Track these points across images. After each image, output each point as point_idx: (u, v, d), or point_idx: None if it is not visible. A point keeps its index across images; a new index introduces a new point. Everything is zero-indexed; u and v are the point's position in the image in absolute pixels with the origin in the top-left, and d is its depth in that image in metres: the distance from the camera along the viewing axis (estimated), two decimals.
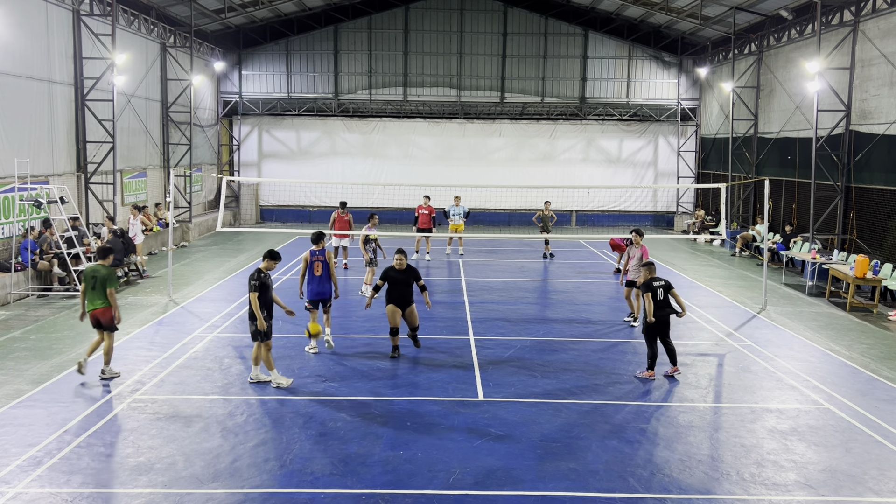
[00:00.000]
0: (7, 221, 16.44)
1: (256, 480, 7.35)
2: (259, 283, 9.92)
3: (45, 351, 11.71)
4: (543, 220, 21.88)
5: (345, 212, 19.25)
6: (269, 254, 10.29)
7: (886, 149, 17.85)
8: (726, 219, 23.61)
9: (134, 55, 22.46)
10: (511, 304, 16.00)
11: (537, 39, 31.49)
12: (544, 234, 21.31)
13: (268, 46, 31.46)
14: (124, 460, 7.76)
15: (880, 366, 11.68)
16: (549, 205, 22.09)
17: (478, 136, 32.25)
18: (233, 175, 31.64)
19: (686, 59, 31.76)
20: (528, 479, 7.49)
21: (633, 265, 13.83)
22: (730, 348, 12.60)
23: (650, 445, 8.39)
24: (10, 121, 16.56)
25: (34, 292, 15.77)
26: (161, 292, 16.35)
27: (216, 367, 11.03)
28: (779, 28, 23.81)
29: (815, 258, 18.26)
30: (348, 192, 30.87)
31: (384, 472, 7.58)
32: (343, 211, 19.22)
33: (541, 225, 22.01)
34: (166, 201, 22.55)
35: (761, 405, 9.83)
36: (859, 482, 7.58)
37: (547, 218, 21.85)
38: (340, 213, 19.20)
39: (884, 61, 17.97)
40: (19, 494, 7.00)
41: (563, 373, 11.03)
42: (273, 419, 8.97)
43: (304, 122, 32.19)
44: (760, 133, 25.64)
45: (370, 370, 10.98)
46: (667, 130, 32.45)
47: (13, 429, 8.53)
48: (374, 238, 16.75)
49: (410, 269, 11.49)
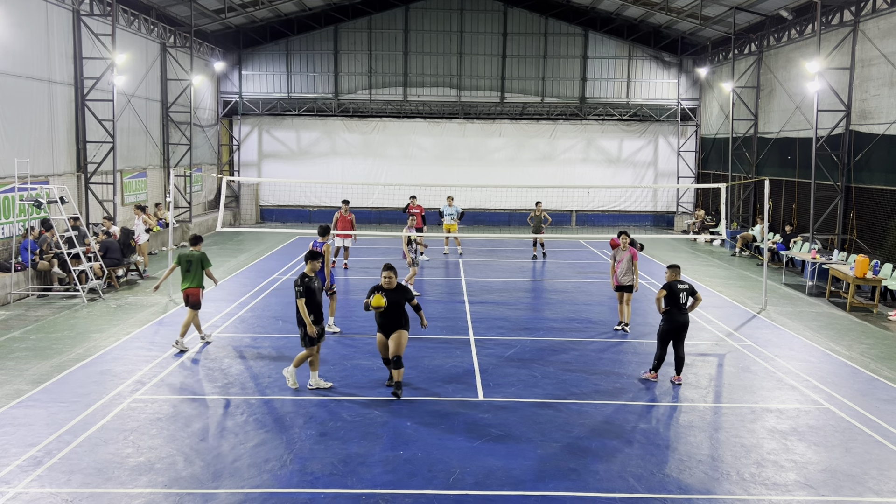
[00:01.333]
0: (7, 221, 16.44)
1: (256, 480, 7.35)
2: (304, 289, 9.63)
3: (45, 351, 11.71)
4: (536, 221, 21.74)
5: (347, 211, 19.23)
6: (310, 255, 9.97)
7: (886, 149, 17.85)
8: (726, 219, 23.62)
9: (134, 55, 22.46)
10: (511, 304, 16.00)
11: (537, 39, 31.49)
12: (535, 234, 21.13)
13: (268, 46, 31.46)
14: (124, 460, 7.75)
15: (880, 366, 11.68)
16: (541, 205, 21.93)
17: (478, 136, 32.26)
18: (233, 175, 31.64)
19: (686, 59, 31.76)
20: (528, 479, 7.49)
21: (621, 269, 13.36)
22: (730, 348, 12.60)
23: (650, 445, 8.39)
24: (10, 121, 16.56)
25: (34, 292, 15.77)
26: (161, 292, 16.35)
27: (216, 367, 11.03)
28: (779, 28, 23.82)
29: (815, 258, 18.26)
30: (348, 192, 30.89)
31: (384, 472, 7.58)
32: (346, 210, 19.20)
33: (532, 225, 21.85)
34: (166, 201, 22.56)
35: (761, 405, 9.83)
36: (859, 482, 7.58)
37: (539, 219, 21.72)
38: (343, 213, 19.19)
39: (884, 61, 17.97)
40: (19, 494, 7.01)
41: (563, 373, 11.03)
42: (273, 419, 8.97)
43: (304, 122, 32.20)
44: (760, 133, 25.64)
45: (370, 370, 10.97)
46: (667, 130, 32.45)
47: (13, 429, 8.53)
48: (416, 238, 16.47)
49: (401, 287, 9.94)
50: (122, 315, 14.27)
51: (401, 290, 9.86)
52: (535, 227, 21.66)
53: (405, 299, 9.87)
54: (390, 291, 9.78)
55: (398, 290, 9.85)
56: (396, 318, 9.82)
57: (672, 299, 10.40)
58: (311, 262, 9.90)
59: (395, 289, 9.83)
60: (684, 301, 10.41)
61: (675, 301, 10.37)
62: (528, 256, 22.45)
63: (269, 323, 13.86)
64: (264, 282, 17.65)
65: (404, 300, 9.86)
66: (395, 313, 9.80)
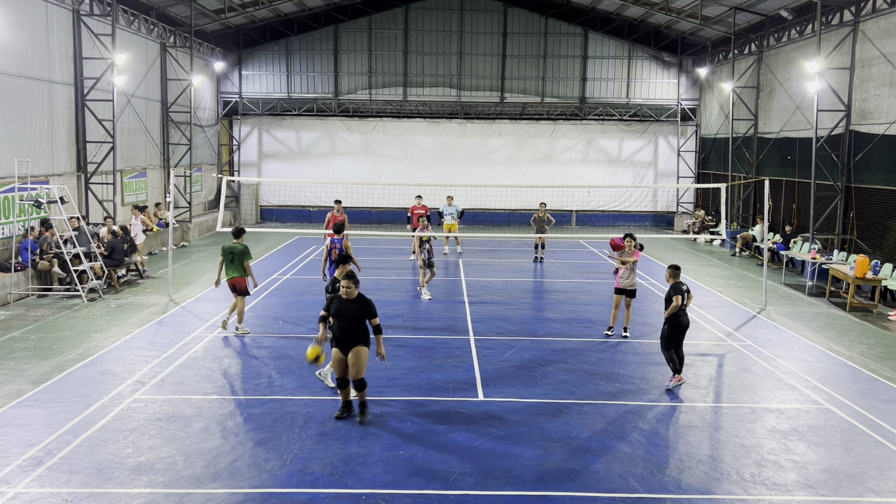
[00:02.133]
0: (7, 221, 16.44)
1: (256, 480, 7.35)
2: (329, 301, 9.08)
3: (45, 351, 11.71)
4: (539, 222, 21.59)
5: (340, 211, 19.17)
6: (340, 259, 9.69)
7: (886, 149, 17.85)
8: (726, 219, 23.62)
9: (134, 55, 22.46)
10: (511, 304, 16.00)
11: (537, 39, 31.49)
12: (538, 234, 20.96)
13: (268, 46, 31.46)
14: (124, 460, 7.75)
15: (880, 366, 11.68)
16: (545, 206, 21.80)
17: (478, 136, 32.26)
18: (233, 175, 31.64)
19: (686, 59, 31.76)
20: (528, 479, 7.49)
21: (624, 272, 12.87)
22: (730, 348, 12.60)
23: (650, 445, 8.39)
24: (10, 121, 16.56)
25: (34, 292, 15.77)
26: (161, 292, 16.35)
27: (216, 367, 11.03)
28: (779, 28, 23.81)
29: (815, 258, 18.26)
30: (348, 192, 30.91)
31: (384, 472, 7.58)
32: (339, 210, 19.15)
33: (536, 227, 21.72)
34: (166, 201, 22.56)
35: (761, 405, 9.83)
36: (859, 482, 7.58)
37: (543, 220, 21.57)
38: (335, 213, 19.14)
39: (884, 61, 17.97)
40: (19, 494, 7.00)
41: (563, 373, 11.03)
42: (273, 419, 8.96)
43: (304, 122, 32.20)
44: (760, 133, 25.64)
45: (370, 370, 10.96)
46: (667, 130, 32.46)
47: (13, 429, 8.53)
48: (428, 239, 16.33)
49: (363, 299, 8.77)
50: (122, 315, 14.28)
51: (362, 303, 8.75)
52: (538, 228, 21.52)
53: (366, 315, 8.77)
54: (349, 302, 8.71)
55: (359, 302, 8.75)
56: (355, 333, 8.74)
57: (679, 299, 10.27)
58: (341, 267, 9.55)
59: (355, 300, 8.73)
60: (685, 302, 10.38)
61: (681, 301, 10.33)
62: (528, 256, 22.44)
63: (269, 323, 13.86)
64: (264, 282, 17.65)
65: (364, 316, 8.77)
66: (353, 328, 8.71)
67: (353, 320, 8.72)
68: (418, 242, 16.19)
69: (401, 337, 12.96)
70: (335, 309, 8.76)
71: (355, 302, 8.73)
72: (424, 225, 16.60)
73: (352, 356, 8.74)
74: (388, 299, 16.08)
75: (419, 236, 16.19)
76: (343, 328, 8.71)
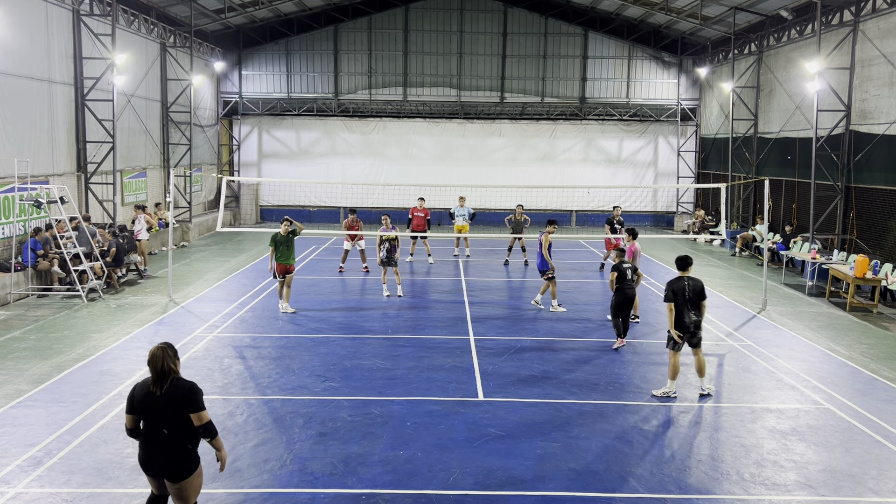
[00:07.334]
0: (7, 221, 16.44)
1: (256, 480, 7.35)
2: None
3: (45, 351, 11.71)
4: (516, 223, 20.88)
5: (355, 220, 19.13)
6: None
7: (886, 149, 17.85)
8: (726, 219, 23.61)
9: (134, 55, 22.46)
10: (511, 304, 16.00)
11: (537, 39, 31.49)
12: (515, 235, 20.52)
13: (268, 46, 31.45)
14: (124, 460, 7.75)
15: (880, 366, 11.68)
16: (522, 208, 21.06)
17: (478, 136, 32.25)
18: (233, 175, 31.64)
19: (686, 59, 31.76)
20: (528, 479, 7.49)
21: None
22: (730, 348, 12.60)
23: (650, 445, 8.39)
24: (10, 121, 16.56)
25: (34, 292, 15.77)
26: (161, 292, 16.35)
27: (216, 367, 11.03)
28: (779, 28, 23.81)
29: (815, 258, 18.26)
30: (348, 192, 30.92)
31: (384, 472, 7.58)
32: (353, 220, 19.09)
33: (511, 227, 21.10)
34: (166, 201, 22.55)
35: (761, 405, 9.83)
36: (859, 482, 7.58)
37: (520, 222, 20.86)
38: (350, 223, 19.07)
39: (884, 61, 17.97)
40: (19, 494, 7.00)
41: (563, 373, 11.03)
42: (273, 419, 8.96)
43: (304, 122, 32.19)
44: (760, 133, 25.64)
45: (370, 370, 10.97)
46: (667, 130, 32.46)
47: (13, 429, 8.52)
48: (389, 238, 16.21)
49: (180, 386, 5.50)
50: (122, 315, 14.27)
51: (177, 393, 5.49)
52: (515, 229, 20.82)
53: (187, 408, 5.50)
54: (156, 396, 5.50)
55: (174, 391, 5.49)
56: (165, 444, 5.57)
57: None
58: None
59: (166, 391, 5.48)
60: (629, 277, 10.26)
61: (621, 277, 10.18)
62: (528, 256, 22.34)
63: (270, 323, 13.86)
64: (264, 282, 17.64)
65: (184, 411, 5.49)
66: (157, 432, 5.55)
67: (160, 419, 5.49)
68: (379, 241, 16.14)
69: (401, 337, 12.96)
70: (138, 401, 5.54)
71: (164, 396, 5.46)
72: (388, 226, 16.74)
73: (178, 487, 5.63)
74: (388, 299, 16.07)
75: (380, 235, 16.11)
76: (151, 433, 5.56)
